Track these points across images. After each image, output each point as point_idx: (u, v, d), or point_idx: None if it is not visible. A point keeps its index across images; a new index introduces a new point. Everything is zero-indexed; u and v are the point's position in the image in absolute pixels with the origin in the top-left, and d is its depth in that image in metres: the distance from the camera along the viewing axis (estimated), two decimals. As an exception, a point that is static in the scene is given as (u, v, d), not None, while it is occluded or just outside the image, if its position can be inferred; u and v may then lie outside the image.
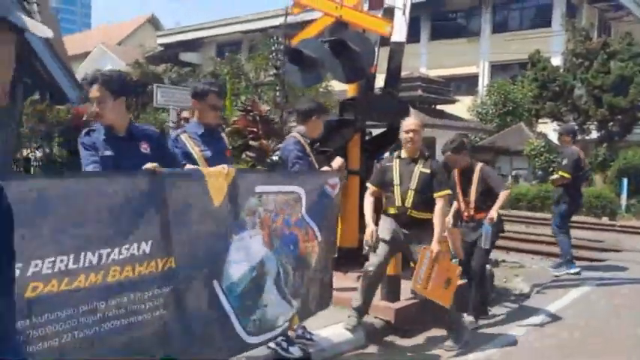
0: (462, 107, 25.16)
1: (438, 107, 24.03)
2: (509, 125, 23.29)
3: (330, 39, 5.67)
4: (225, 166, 2.99)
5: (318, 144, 6.16)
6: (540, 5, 30.40)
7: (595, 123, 20.69)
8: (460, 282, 4.98)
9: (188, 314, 2.66)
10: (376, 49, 5.97)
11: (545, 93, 21.31)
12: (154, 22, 48.71)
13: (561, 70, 22.05)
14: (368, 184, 4.65)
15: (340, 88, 9.93)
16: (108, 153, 2.83)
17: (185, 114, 8.57)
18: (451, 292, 4.37)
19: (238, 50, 38.74)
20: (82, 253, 2.24)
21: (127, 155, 2.82)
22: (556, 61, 22.96)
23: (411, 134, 4.41)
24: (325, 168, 3.99)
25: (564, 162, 7.23)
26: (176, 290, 2.59)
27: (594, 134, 20.78)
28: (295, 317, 3.53)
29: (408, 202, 4.35)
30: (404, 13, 6.00)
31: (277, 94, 21.25)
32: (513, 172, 20.95)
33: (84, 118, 9.06)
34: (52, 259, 2.15)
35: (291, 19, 27.65)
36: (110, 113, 2.87)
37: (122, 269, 2.37)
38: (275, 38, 24.91)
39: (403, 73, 7.56)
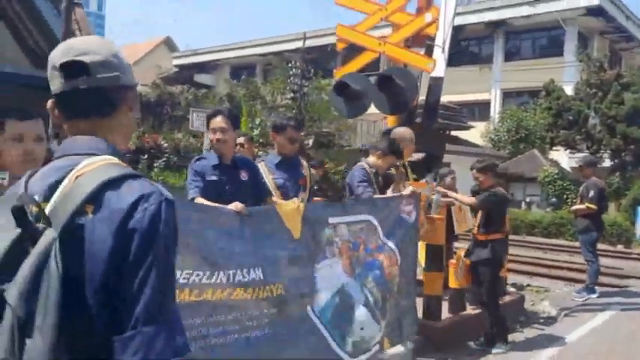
0: (475, 133, 25.59)
1: (453, 133, 24.45)
2: (521, 152, 23.68)
3: (377, 73, 6.10)
4: (295, 200, 3.30)
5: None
6: (552, 35, 31.03)
7: (608, 152, 21.01)
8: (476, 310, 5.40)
9: (289, 338, 2.94)
10: (418, 84, 6.38)
11: (559, 121, 21.69)
12: (169, 44, 49.65)
13: (574, 100, 22.46)
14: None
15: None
16: (213, 178, 3.26)
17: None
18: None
19: (253, 73, 39.59)
20: (216, 272, 2.60)
21: (230, 181, 3.24)
22: (568, 90, 23.41)
23: (412, 145, 4.84)
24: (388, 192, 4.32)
25: (591, 194, 7.59)
26: (280, 313, 2.88)
27: (607, 163, 21.09)
28: (386, 341, 3.70)
29: None
30: (443, 51, 6.44)
31: (295, 115, 21.76)
32: (527, 199, 21.24)
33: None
34: (190, 271, 2.52)
35: (309, 43, 28.34)
36: (231, 142, 3.31)
37: (245, 290, 2.71)
38: (293, 62, 25.57)
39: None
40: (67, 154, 1.18)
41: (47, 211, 1.05)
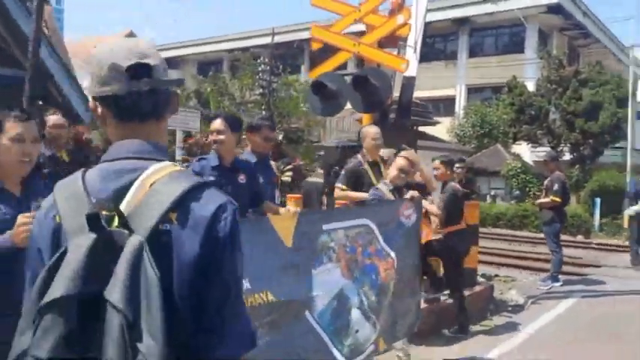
0: (441, 129, 26.11)
1: (420, 129, 24.87)
2: (486, 147, 24.34)
3: (353, 73, 6.30)
4: (290, 208, 3.45)
5: (336, 167, 6.77)
6: (514, 32, 31.83)
7: (568, 146, 21.78)
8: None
9: (287, 341, 3.01)
10: (392, 83, 6.61)
11: (521, 117, 22.37)
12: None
13: (535, 96, 23.17)
14: (340, 185, 4.94)
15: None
16: (211, 179, 3.38)
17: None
18: None
19: (220, 68, 39.35)
20: None
21: (227, 184, 3.36)
22: (530, 86, 24.13)
23: (377, 141, 4.94)
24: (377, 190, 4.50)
25: (555, 187, 7.99)
26: (275, 319, 2.93)
27: (567, 156, 21.85)
28: (381, 340, 3.80)
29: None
30: (415, 51, 6.69)
31: (263, 112, 21.80)
32: (492, 192, 21.86)
33: (84, 137, 9.45)
34: None
35: (277, 39, 28.36)
36: (229, 143, 3.44)
37: None
38: (262, 58, 25.58)
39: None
40: (124, 157, 1.19)
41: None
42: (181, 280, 1.09)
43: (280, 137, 22.67)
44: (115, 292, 0.98)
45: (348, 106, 6.74)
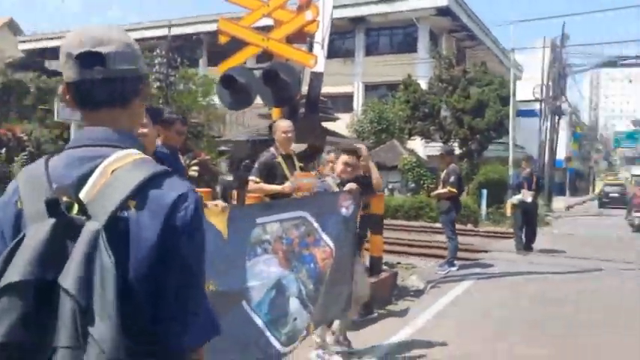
0: (341, 124, 26.79)
1: (322, 124, 25.36)
2: (383, 142, 25.32)
3: (263, 67, 6.36)
4: (219, 202, 3.45)
5: (247, 161, 6.81)
6: (407, 32, 33.33)
7: (458, 141, 23.25)
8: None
9: (227, 331, 3.07)
10: (301, 78, 6.75)
11: (416, 114, 23.55)
12: (12, 27, 45.15)
13: (428, 94, 24.48)
14: (254, 178, 5.04)
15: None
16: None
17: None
18: None
19: (112, 60, 37.40)
20: None
21: None
22: (423, 84, 25.44)
23: (289, 134, 5.08)
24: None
25: (451, 179, 8.57)
26: (216, 310, 3.00)
27: (457, 151, 23.31)
28: (311, 325, 3.89)
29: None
30: (322, 47, 6.88)
31: (161, 106, 21.15)
32: (390, 186, 22.80)
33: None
34: None
35: (174, 31, 27.57)
36: (151, 136, 3.36)
37: None
38: (159, 51, 24.74)
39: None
40: (88, 144, 1.20)
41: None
42: (139, 267, 1.09)
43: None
44: (68, 278, 0.99)
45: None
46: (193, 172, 8.87)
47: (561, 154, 35.44)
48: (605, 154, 76.73)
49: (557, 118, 27.20)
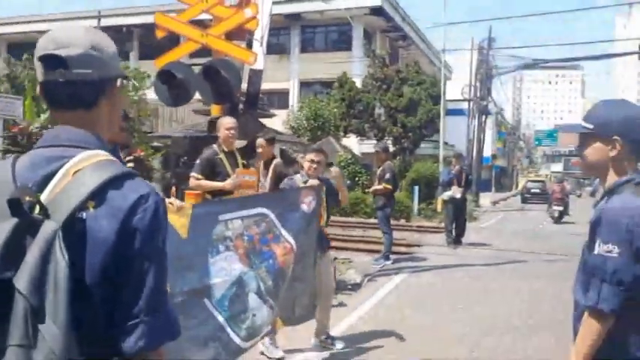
0: (277, 121, 26.79)
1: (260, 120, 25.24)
2: (319, 139, 25.51)
3: (203, 63, 6.31)
4: (173, 200, 3.40)
5: (185, 158, 6.76)
6: (342, 30, 33.70)
7: (391, 139, 23.81)
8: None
9: (189, 328, 3.04)
10: (242, 75, 6.76)
11: (351, 111, 23.93)
12: None
13: (363, 92, 24.91)
14: (195, 175, 5.04)
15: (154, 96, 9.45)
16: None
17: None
18: None
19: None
20: None
21: None
22: (357, 82, 25.87)
23: (232, 131, 5.11)
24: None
25: (387, 176, 8.84)
26: (176, 309, 3.00)
27: (391, 148, 23.90)
28: (278, 321, 3.98)
29: None
30: (261, 45, 6.92)
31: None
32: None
33: None
34: None
35: (103, 22, 26.58)
36: None
37: None
38: (87, 43, 23.78)
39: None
40: (55, 144, 1.21)
41: (44, 202, 1.09)
42: (95, 268, 1.10)
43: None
44: (21, 278, 1.00)
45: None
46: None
47: (487, 151, 37.08)
48: (527, 152, 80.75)
49: (484, 117, 28.46)
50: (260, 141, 6.27)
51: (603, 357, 1.75)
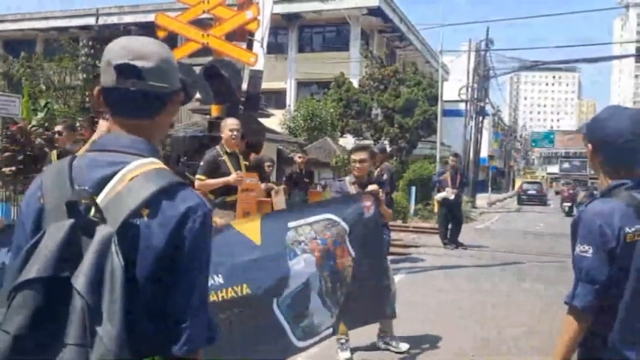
0: (275, 121, 26.82)
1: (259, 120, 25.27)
2: (316, 139, 25.58)
3: (204, 64, 6.36)
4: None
5: (185, 158, 6.79)
6: (339, 31, 33.75)
7: (388, 139, 23.88)
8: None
9: (252, 325, 3.23)
10: (242, 75, 6.80)
11: (348, 111, 23.98)
12: None
13: (360, 92, 24.98)
14: (200, 176, 5.10)
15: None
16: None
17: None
18: None
19: (32, 49, 35.60)
20: None
21: None
22: (354, 83, 25.93)
23: (236, 132, 5.14)
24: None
25: (384, 177, 8.86)
26: (244, 310, 3.15)
27: (388, 149, 23.97)
28: (342, 325, 4.03)
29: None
30: (262, 46, 6.96)
31: (87, 99, 20.41)
32: (322, 182, 23.10)
33: None
34: None
35: (100, 21, 26.56)
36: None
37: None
38: (85, 41, 23.79)
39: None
40: (111, 149, 1.26)
41: (100, 205, 1.15)
42: (146, 273, 1.17)
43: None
44: (79, 278, 1.05)
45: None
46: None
47: (484, 152, 37.20)
48: (523, 154, 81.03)
49: (481, 118, 28.54)
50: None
51: (588, 356, 1.83)
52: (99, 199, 1.17)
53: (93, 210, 1.13)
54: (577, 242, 1.82)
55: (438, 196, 11.97)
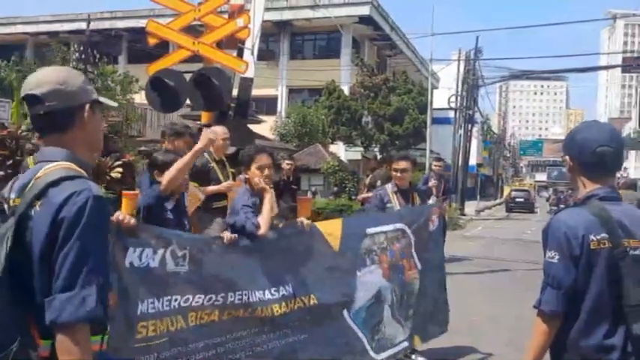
0: (266, 127, 26.87)
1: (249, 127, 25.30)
2: (306, 145, 25.66)
3: (194, 71, 6.40)
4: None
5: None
6: (331, 38, 33.93)
7: (378, 146, 24.03)
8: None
9: (322, 338, 3.22)
10: (232, 83, 6.85)
11: (339, 118, 24.11)
12: None
13: (351, 100, 25.12)
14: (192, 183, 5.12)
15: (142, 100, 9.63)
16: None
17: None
18: None
19: (22, 53, 35.42)
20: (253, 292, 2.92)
21: None
22: (345, 90, 26.06)
23: (225, 140, 5.15)
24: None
25: (378, 183, 8.93)
26: (313, 319, 3.16)
27: (378, 156, 24.10)
28: (416, 337, 4.05)
29: None
30: (252, 54, 7.02)
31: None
32: (313, 188, 23.16)
33: None
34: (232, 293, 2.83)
35: (91, 26, 26.46)
36: None
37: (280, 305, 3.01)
38: (76, 46, 23.71)
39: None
40: (40, 160, 1.55)
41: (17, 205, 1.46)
42: (35, 253, 1.41)
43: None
44: None
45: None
46: (116, 173, 8.69)
47: (473, 160, 37.42)
48: (512, 161, 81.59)
49: (470, 126, 28.76)
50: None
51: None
52: (19, 199, 1.47)
53: (6, 208, 1.50)
54: (546, 249, 1.90)
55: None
